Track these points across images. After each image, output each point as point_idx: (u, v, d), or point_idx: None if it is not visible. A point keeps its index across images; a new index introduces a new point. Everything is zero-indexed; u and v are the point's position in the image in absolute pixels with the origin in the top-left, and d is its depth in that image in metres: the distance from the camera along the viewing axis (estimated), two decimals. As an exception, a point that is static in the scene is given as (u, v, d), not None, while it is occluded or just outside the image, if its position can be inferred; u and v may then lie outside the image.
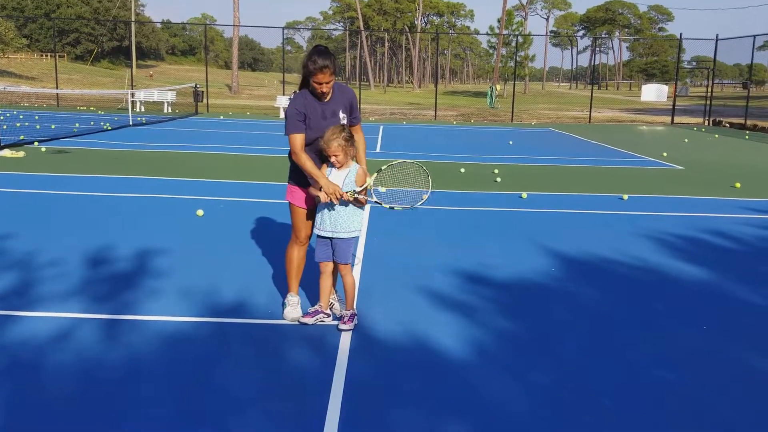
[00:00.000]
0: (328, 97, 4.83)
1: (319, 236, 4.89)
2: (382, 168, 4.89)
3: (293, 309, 5.07)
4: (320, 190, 4.69)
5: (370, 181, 4.79)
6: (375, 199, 4.92)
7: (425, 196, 5.05)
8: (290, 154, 4.90)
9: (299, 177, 4.93)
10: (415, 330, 4.91)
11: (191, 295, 5.49)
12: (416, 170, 5.04)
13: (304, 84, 4.82)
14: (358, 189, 4.72)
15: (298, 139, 4.77)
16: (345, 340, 4.69)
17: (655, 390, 4.11)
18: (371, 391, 3.98)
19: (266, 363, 4.33)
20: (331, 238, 4.83)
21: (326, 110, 4.83)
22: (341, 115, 4.90)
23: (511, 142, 20.37)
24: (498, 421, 3.68)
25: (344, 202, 4.75)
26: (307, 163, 4.75)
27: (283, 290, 5.65)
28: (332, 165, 4.77)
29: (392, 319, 5.10)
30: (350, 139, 4.73)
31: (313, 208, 5.02)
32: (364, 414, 3.72)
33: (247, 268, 6.30)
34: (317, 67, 4.62)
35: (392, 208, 5.03)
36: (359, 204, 4.83)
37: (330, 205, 4.75)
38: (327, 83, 4.70)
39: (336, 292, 5.27)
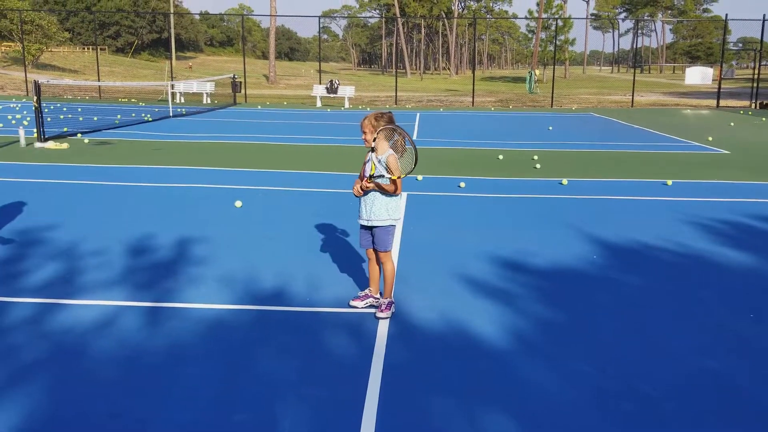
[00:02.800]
0: None
1: (360, 225, 4.93)
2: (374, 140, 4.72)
3: None
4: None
5: (373, 158, 4.68)
6: (387, 174, 4.70)
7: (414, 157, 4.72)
8: None
9: None
10: (453, 317, 4.88)
11: (231, 283, 5.55)
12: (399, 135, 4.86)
13: None
14: (372, 173, 4.67)
15: None
16: (383, 328, 4.68)
17: (699, 379, 4.01)
18: (409, 378, 3.97)
19: (305, 349, 4.35)
20: (369, 227, 4.85)
21: None
22: None
23: (551, 128, 20.09)
24: (538, 409, 3.63)
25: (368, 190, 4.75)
26: None
27: (323, 277, 5.67)
28: (372, 150, 4.77)
29: (430, 306, 5.07)
30: (383, 120, 4.69)
31: None
32: (403, 400, 3.71)
33: (285, 256, 6.33)
34: None
35: (400, 177, 4.80)
36: (386, 190, 4.74)
37: (364, 194, 4.80)
38: None
39: None
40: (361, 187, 4.74)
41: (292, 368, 4.08)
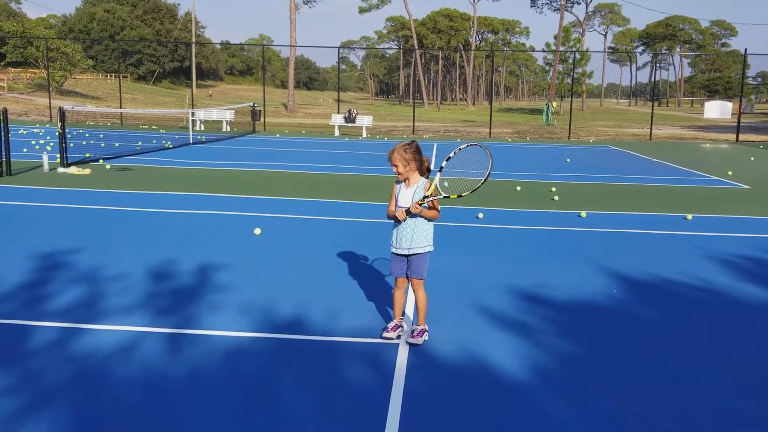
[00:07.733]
0: None
1: (395, 254, 4.97)
2: (443, 165, 4.91)
3: None
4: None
5: (436, 180, 4.83)
6: (444, 194, 4.89)
7: (488, 171, 4.97)
8: None
9: None
10: (473, 349, 4.86)
11: (250, 311, 5.57)
12: (474, 152, 5.01)
13: None
14: (427, 194, 4.78)
15: None
16: (402, 358, 4.67)
17: (722, 418, 3.96)
18: (429, 409, 3.95)
19: (324, 379, 4.35)
20: (407, 256, 4.90)
21: None
22: None
23: (568, 160, 20.08)
24: (559, 445, 3.59)
25: (413, 215, 4.81)
26: None
27: (342, 306, 5.68)
28: (401, 181, 4.89)
29: (449, 338, 5.06)
30: (411, 151, 4.78)
31: None
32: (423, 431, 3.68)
33: (303, 284, 6.35)
34: None
35: (460, 196, 4.99)
36: (430, 215, 4.82)
37: (403, 222, 4.85)
38: None
39: None
40: (407, 210, 4.77)
41: (311, 398, 4.08)
